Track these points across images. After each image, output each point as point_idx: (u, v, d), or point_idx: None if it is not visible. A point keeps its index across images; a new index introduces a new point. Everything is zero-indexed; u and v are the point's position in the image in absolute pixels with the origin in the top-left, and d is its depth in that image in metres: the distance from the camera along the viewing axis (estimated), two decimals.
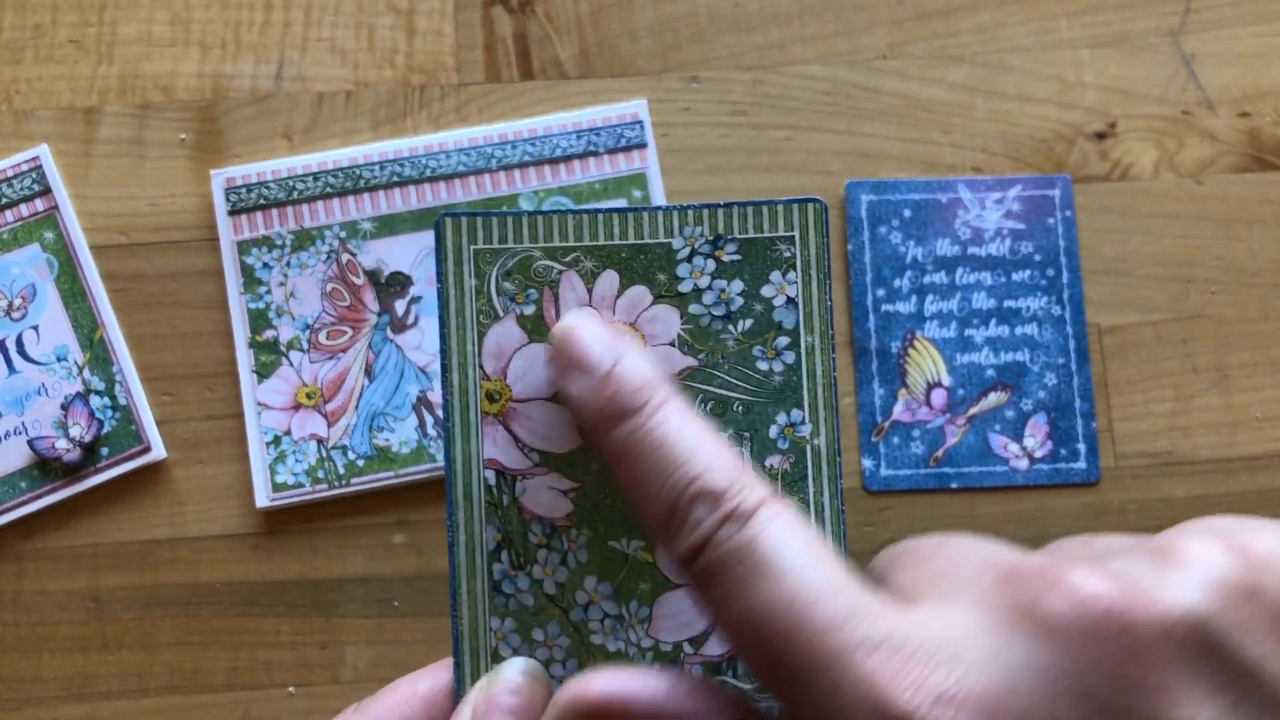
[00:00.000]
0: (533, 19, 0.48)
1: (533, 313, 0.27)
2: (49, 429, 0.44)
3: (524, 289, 0.27)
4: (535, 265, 0.27)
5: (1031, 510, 0.45)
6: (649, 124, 0.47)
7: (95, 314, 0.45)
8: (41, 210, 0.45)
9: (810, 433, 0.28)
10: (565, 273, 0.27)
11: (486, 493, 0.27)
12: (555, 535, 0.27)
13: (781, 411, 0.28)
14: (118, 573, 0.44)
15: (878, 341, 0.46)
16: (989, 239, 0.46)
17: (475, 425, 0.27)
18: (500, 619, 0.27)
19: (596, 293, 0.28)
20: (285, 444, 0.44)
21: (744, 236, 0.28)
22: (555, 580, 0.27)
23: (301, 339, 0.45)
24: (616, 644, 0.27)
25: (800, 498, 0.27)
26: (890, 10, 0.48)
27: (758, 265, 0.28)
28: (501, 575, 0.27)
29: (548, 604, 0.27)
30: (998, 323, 0.46)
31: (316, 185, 0.45)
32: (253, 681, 0.44)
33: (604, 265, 0.27)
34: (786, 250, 0.28)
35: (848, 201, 0.46)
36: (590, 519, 0.27)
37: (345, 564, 0.45)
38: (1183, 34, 0.48)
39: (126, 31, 0.47)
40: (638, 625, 0.27)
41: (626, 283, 0.28)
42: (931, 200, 0.46)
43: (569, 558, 0.27)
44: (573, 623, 0.27)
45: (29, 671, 0.44)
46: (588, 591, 0.27)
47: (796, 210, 0.28)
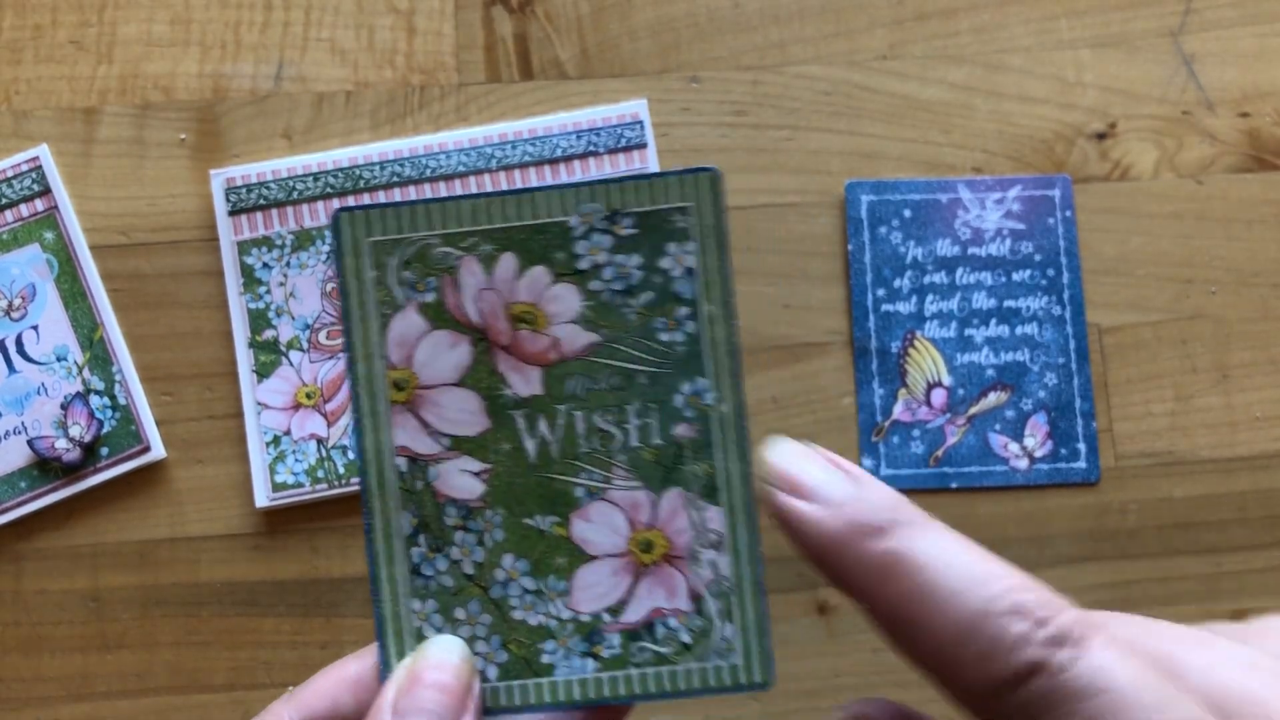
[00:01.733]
0: (533, 19, 0.48)
1: (433, 300, 0.28)
2: (49, 429, 0.44)
3: (424, 277, 0.28)
4: (433, 253, 0.28)
5: (1031, 510, 0.46)
6: (649, 124, 0.47)
7: (95, 314, 0.45)
8: (41, 210, 0.45)
9: (715, 400, 0.28)
10: (463, 258, 0.28)
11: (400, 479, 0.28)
12: (470, 516, 0.28)
13: (686, 381, 0.28)
14: (118, 572, 0.44)
15: (878, 341, 0.46)
16: (989, 239, 0.46)
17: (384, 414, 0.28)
18: (421, 600, 0.28)
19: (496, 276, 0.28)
20: (285, 444, 0.44)
21: (639, 210, 0.28)
22: (473, 560, 0.28)
23: (301, 339, 0.45)
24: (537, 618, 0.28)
25: (708, 465, 0.28)
26: (890, 11, 0.48)
27: (654, 238, 0.28)
28: (420, 558, 0.28)
29: (467, 583, 0.28)
30: (998, 322, 0.46)
31: (316, 185, 0.45)
32: (253, 681, 0.44)
33: (502, 248, 0.28)
34: (681, 221, 0.28)
35: (848, 202, 0.46)
36: (503, 498, 0.28)
37: (345, 564, 0.45)
38: (1183, 34, 0.48)
39: (126, 32, 0.47)
40: (557, 599, 0.28)
41: (525, 264, 0.28)
42: (931, 200, 0.46)
43: (485, 537, 0.28)
44: (493, 600, 0.28)
45: (29, 671, 0.44)
46: (506, 569, 0.28)
47: (691, 180, 0.28)
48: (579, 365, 0.28)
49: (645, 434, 0.28)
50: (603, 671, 0.28)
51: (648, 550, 0.28)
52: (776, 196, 0.47)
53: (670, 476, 0.28)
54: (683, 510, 0.28)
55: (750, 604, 0.28)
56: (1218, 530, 0.46)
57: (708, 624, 0.28)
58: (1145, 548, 0.45)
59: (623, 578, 0.28)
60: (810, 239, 0.47)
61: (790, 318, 0.46)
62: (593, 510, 0.28)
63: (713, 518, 0.28)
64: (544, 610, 0.28)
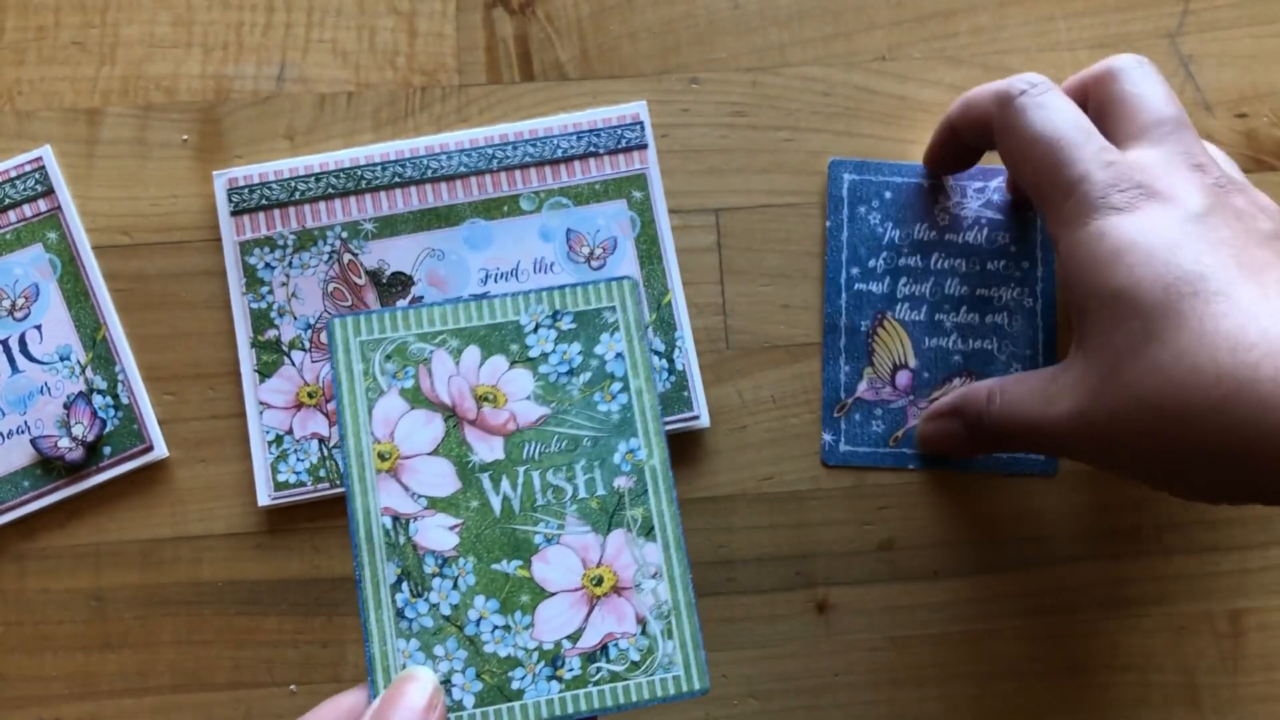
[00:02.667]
0: (534, 21, 0.48)
1: (411, 386, 0.34)
2: (52, 428, 0.44)
3: (402, 367, 0.34)
4: (410, 348, 0.34)
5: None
6: (649, 125, 0.47)
7: (98, 314, 0.45)
8: (44, 211, 0.46)
9: (646, 455, 0.34)
10: (435, 351, 0.34)
11: (385, 535, 0.33)
12: (446, 564, 0.33)
13: (622, 441, 0.34)
14: (120, 571, 0.44)
15: (847, 319, 0.46)
16: (967, 226, 0.46)
17: (371, 481, 0.33)
18: (405, 640, 0.32)
19: (463, 365, 0.34)
20: (287, 443, 0.44)
21: (576, 309, 0.35)
22: (449, 603, 0.33)
23: (303, 339, 0.45)
24: (507, 649, 0.33)
25: (644, 509, 0.34)
26: (889, 12, 0.48)
27: (590, 330, 0.35)
28: (404, 603, 0.33)
29: (445, 624, 0.33)
30: (968, 310, 0.46)
31: (318, 186, 0.46)
32: (255, 680, 0.44)
33: (466, 342, 0.34)
34: (611, 317, 0.35)
35: (830, 179, 0.47)
36: (474, 548, 0.33)
37: (347, 563, 0.45)
38: (1180, 35, 0.48)
39: (129, 33, 0.47)
40: (523, 631, 0.33)
41: (486, 354, 0.34)
42: (913, 184, 0.47)
43: (459, 582, 0.33)
44: (468, 637, 0.33)
45: (31, 670, 0.44)
46: (478, 609, 0.33)
47: (616, 286, 0.35)
48: (534, 433, 0.34)
49: (591, 486, 0.34)
50: (566, 691, 0.33)
51: (599, 584, 0.34)
52: (776, 197, 0.47)
53: (614, 520, 0.34)
54: (626, 548, 0.34)
55: (687, 622, 0.34)
56: (1215, 529, 0.46)
57: (652, 643, 0.34)
58: (1141, 546, 0.46)
59: (579, 609, 0.33)
60: (809, 239, 0.47)
61: (789, 318, 0.46)
62: (550, 553, 0.33)
63: (651, 552, 0.34)
64: (512, 642, 0.33)
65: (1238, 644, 0.45)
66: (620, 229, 0.46)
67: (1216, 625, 0.45)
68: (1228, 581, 0.46)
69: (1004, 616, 0.45)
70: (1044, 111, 0.38)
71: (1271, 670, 0.45)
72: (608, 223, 0.46)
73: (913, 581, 0.45)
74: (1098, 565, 0.45)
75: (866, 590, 0.45)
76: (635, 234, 0.46)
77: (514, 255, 0.46)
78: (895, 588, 0.45)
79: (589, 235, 0.46)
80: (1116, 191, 0.36)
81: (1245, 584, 0.46)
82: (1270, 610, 0.46)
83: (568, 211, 0.46)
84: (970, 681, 0.45)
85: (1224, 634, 0.45)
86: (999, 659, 0.45)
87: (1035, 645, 0.45)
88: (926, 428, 0.45)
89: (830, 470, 0.46)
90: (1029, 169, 0.38)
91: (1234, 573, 0.46)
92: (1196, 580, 0.46)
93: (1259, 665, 0.45)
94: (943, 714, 0.45)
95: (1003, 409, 0.40)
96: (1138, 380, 0.34)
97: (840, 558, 0.45)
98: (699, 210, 0.47)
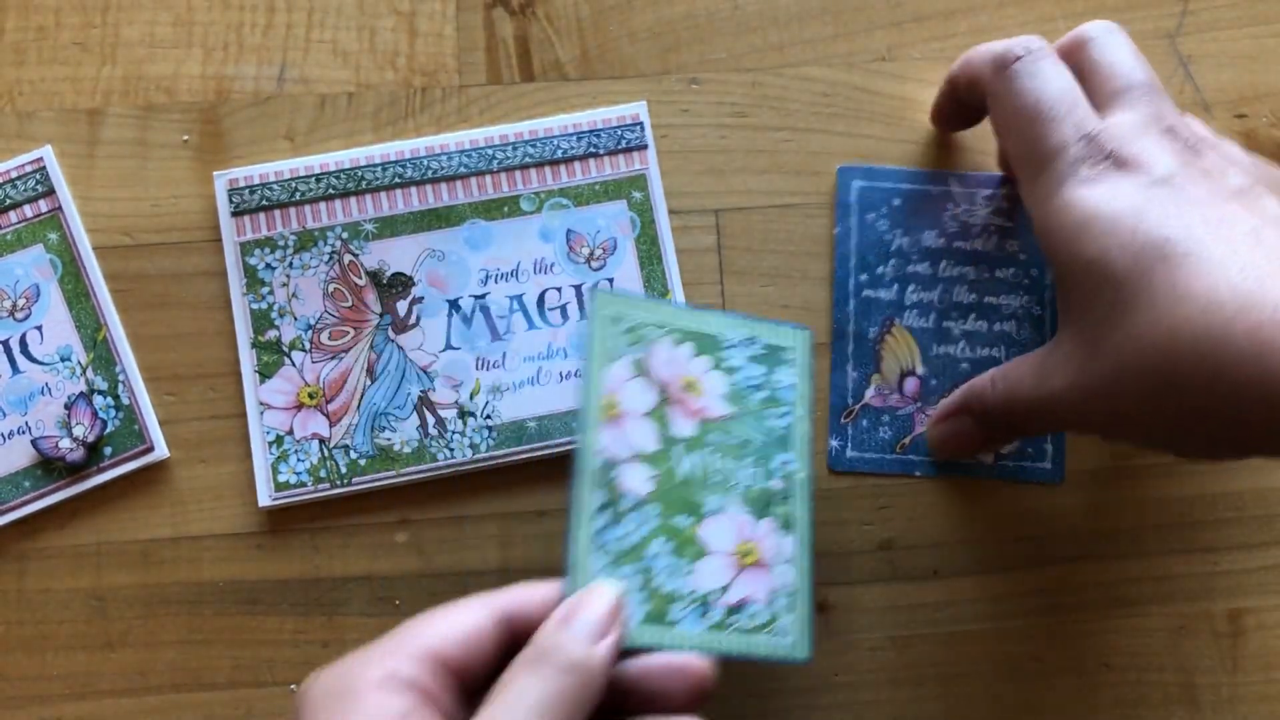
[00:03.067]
0: (534, 21, 0.48)
1: (640, 358, 0.40)
2: (52, 428, 0.44)
3: (635, 344, 0.40)
4: (644, 330, 0.41)
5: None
6: (649, 125, 0.47)
7: (99, 314, 0.45)
8: (45, 211, 0.46)
9: (796, 469, 0.42)
10: (663, 338, 0.41)
11: (598, 469, 0.39)
12: (638, 506, 0.39)
13: (780, 452, 0.42)
14: (121, 571, 0.45)
15: (855, 325, 0.46)
16: (976, 234, 0.46)
17: (595, 424, 0.39)
18: (597, 554, 0.39)
19: (679, 354, 0.41)
20: (287, 443, 0.44)
21: (767, 342, 0.42)
22: (637, 536, 0.39)
23: (304, 339, 0.45)
24: (671, 586, 0.39)
25: (787, 509, 0.41)
26: (888, 13, 0.48)
27: (774, 360, 0.42)
28: (601, 526, 0.39)
29: (630, 551, 0.39)
30: (976, 317, 0.46)
31: (319, 186, 0.46)
32: (255, 680, 0.44)
33: (685, 339, 0.41)
34: (789, 355, 0.42)
35: (839, 186, 0.47)
36: (661, 499, 0.40)
37: (347, 563, 0.45)
38: (1179, 36, 0.48)
39: (129, 33, 0.47)
40: (685, 575, 0.39)
41: (697, 353, 0.41)
42: (922, 191, 0.47)
43: (646, 523, 0.39)
44: (644, 568, 0.39)
45: (32, 669, 0.44)
46: (655, 548, 0.39)
47: (798, 335, 0.43)
48: (718, 425, 0.41)
49: (753, 480, 0.41)
50: (708, 632, 0.39)
51: (746, 556, 0.41)
52: (775, 198, 0.47)
53: (765, 511, 0.41)
54: (770, 535, 0.41)
55: (802, 605, 0.41)
56: (1214, 529, 0.46)
57: (776, 613, 0.40)
58: (1142, 547, 0.46)
59: (729, 571, 0.40)
60: (809, 240, 0.47)
61: (788, 318, 0.46)
62: (715, 521, 0.40)
63: (786, 544, 0.41)
64: (676, 582, 0.39)
65: (1237, 644, 0.45)
66: (620, 230, 0.46)
67: (1216, 625, 0.45)
68: (1227, 581, 0.46)
69: (1004, 616, 0.45)
70: (1034, 80, 0.39)
71: (1270, 670, 0.45)
72: (608, 223, 0.46)
73: (913, 581, 0.45)
74: (1097, 565, 0.46)
75: (866, 590, 0.45)
76: (635, 235, 0.46)
77: (514, 256, 0.46)
78: (895, 588, 0.45)
79: (589, 236, 0.46)
80: (1086, 165, 0.37)
81: (1244, 584, 0.46)
82: (1269, 610, 0.46)
83: (568, 212, 0.46)
84: (970, 681, 0.45)
85: (1223, 633, 0.45)
86: (999, 659, 0.45)
87: (1035, 645, 0.45)
88: (936, 431, 0.45)
89: (831, 472, 0.46)
90: (1013, 140, 0.39)
91: (1233, 572, 0.46)
92: (1196, 580, 0.46)
93: (1258, 665, 0.45)
94: (942, 714, 0.45)
95: (1005, 393, 0.40)
96: (1119, 349, 0.34)
97: (840, 558, 0.46)
98: (699, 210, 0.47)
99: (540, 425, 0.45)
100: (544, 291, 0.46)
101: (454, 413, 0.45)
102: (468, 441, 0.45)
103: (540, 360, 0.45)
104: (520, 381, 0.45)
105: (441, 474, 0.45)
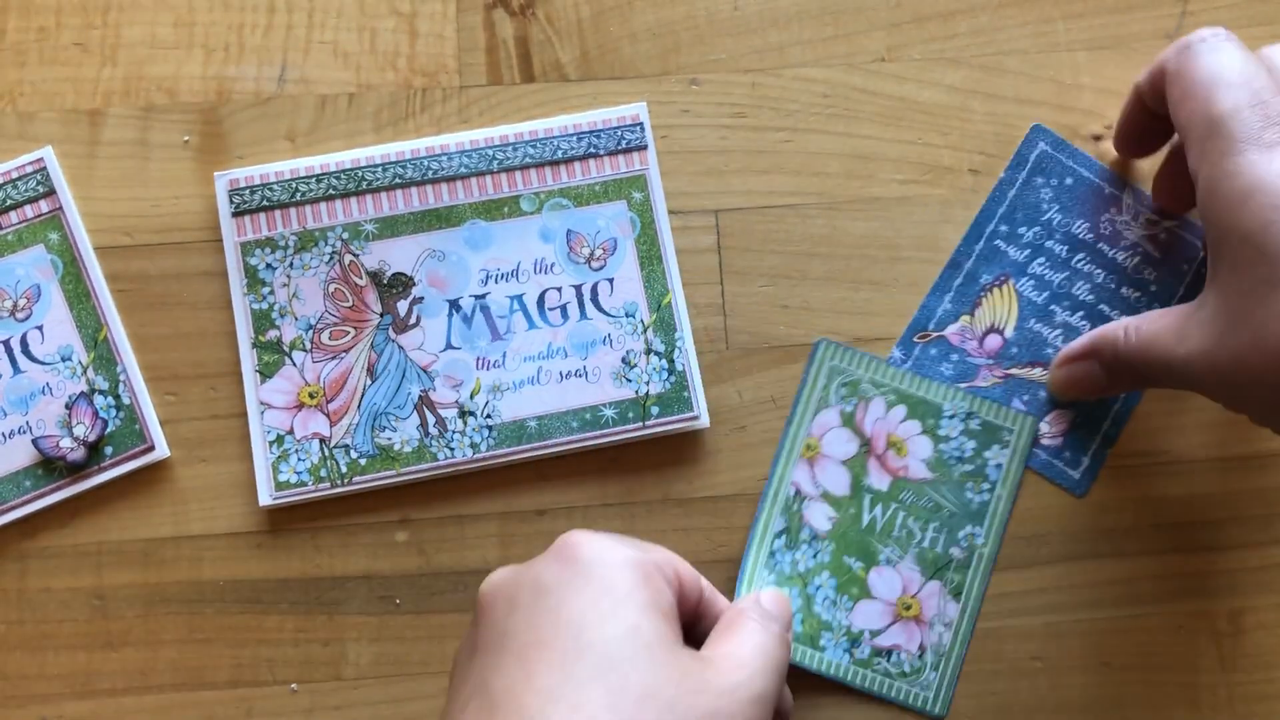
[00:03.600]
0: (534, 22, 0.48)
1: (849, 411, 0.45)
2: (53, 428, 0.44)
3: (849, 397, 0.45)
4: (861, 386, 0.45)
5: (1027, 506, 0.46)
6: (649, 126, 0.47)
7: (99, 314, 0.45)
8: (46, 212, 0.46)
9: (983, 543, 0.45)
10: (876, 397, 0.45)
11: (786, 499, 0.44)
12: (814, 540, 0.44)
13: (970, 524, 0.45)
14: (121, 571, 0.45)
15: (973, 266, 0.46)
16: (1123, 246, 0.46)
17: (794, 458, 0.44)
18: (769, 572, 0.44)
19: (890, 415, 0.45)
20: (288, 443, 0.44)
21: (985, 418, 0.45)
22: (805, 565, 0.44)
23: (304, 339, 0.45)
24: (827, 616, 0.44)
25: (962, 578, 0.44)
26: (888, 13, 0.48)
27: (987, 437, 0.45)
28: (777, 548, 0.44)
29: (797, 576, 0.44)
30: (1083, 317, 0.46)
31: (319, 187, 0.46)
32: (256, 679, 0.44)
33: (899, 401, 0.45)
34: (1007, 436, 0.45)
35: (1025, 140, 0.47)
36: (837, 539, 0.44)
37: (347, 562, 0.45)
38: (1179, 36, 0.48)
39: (130, 34, 0.47)
40: (843, 611, 0.44)
41: (909, 415, 0.45)
42: (1096, 185, 0.47)
43: (818, 556, 0.44)
44: (807, 594, 0.44)
45: (33, 669, 0.44)
46: (821, 580, 0.44)
47: (1021, 418, 0.45)
48: (914, 486, 0.45)
49: (934, 543, 0.44)
50: (852, 665, 0.43)
51: (907, 609, 0.44)
52: (775, 198, 0.47)
53: (936, 574, 0.44)
54: (936, 596, 0.44)
55: (952, 667, 0.44)
56: (1214, 529, 0.46)
57: (923, 667, 0.44)
58: (1141, 546, 0.46)
59: (886, 617, 0.44)
60: (808, 240, 0.47)
61: (788, 318, 0.46)
62: (885, 571, 0.44)
63: (951, 608, 0.44)
64: (833, 614, 0.44)
65: (1237, 643, 0.45)
66: (620, 230, 0.46)
67: (1216, 624, 0.45)
68: (1227, 580, 0.46)
69: (1004, 615, 0.45)
70: (1216, 55, 0.38)
71: (1270, 669, 0.45)
72: (608, 224, 0.46)
73: None
74: (1098, 565, 0.46)
75: None
76: (635, 235, 0.46)
77: (514, 256, 0.46)
78: None
79: (589, 236, 0.46)
80: (1260, 128, 0.36)
81: (1244, 583, 0.46)
82: (1270, 609, 0.46)
83: (568, 212, 0.46)
84: (969, 680, 0.45)
85: (1223, 633, 0.45)
86: (998, 658, 0.45)
87: (1035, 644, 0.45)
88: (1061, 372, 0.45)
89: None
90: (1185, 109, 0.38)
91: (1233, 572, 0.46)
92: (1196, 579, 0.46)
93: (1258, 664, 0.45)
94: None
95: (1138, 344, 0.40)
96: (1263, 326, 0.35)
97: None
98: (699, 211, 0.47)
99: (540, 425, 0.45)
100: (544, 291, 0.46)
101: (454, 412, 0.45)
102: (468, 441, 0.45)
103: (540, 360, 0.45)
104: (520, 381, 0.45)
105: (441, 473, 0.45)
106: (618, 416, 0.45)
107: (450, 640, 0.45)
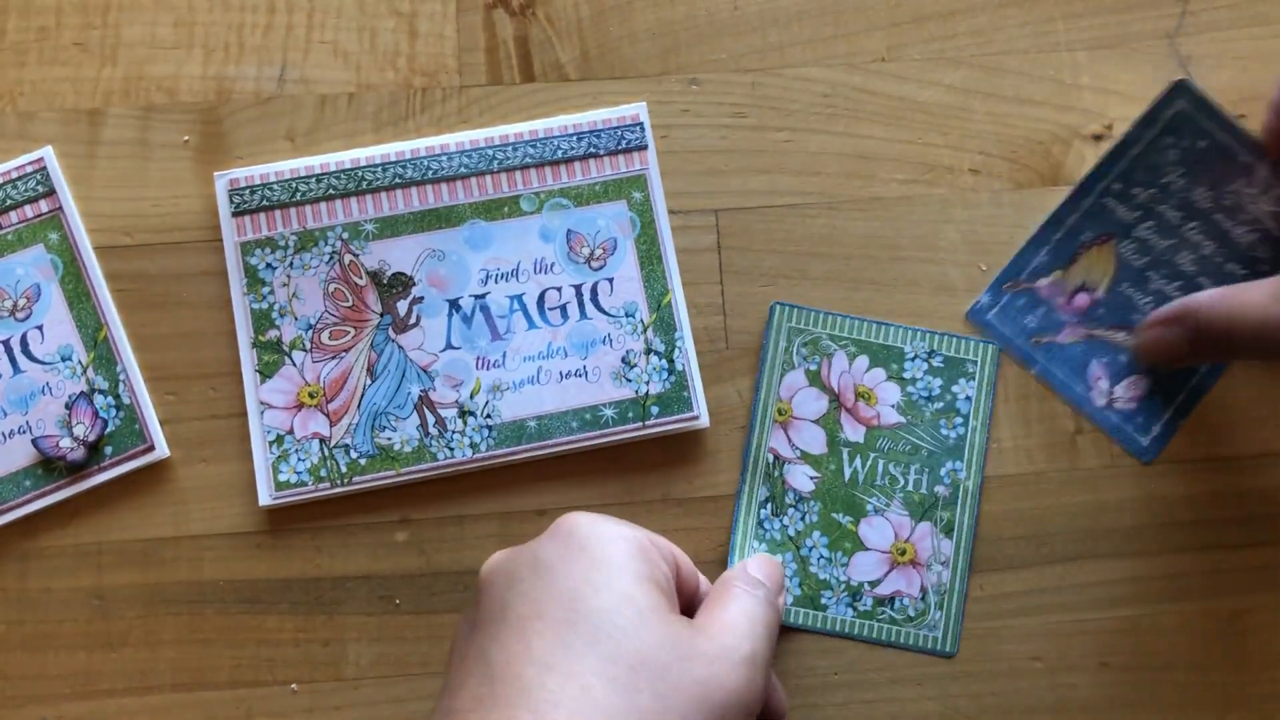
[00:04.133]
0: (534, 22, 0.48)
1: (814, 369, 0.45)
2: (53, 428, 0.44)
3: (812, 355, 0.45)
4: (821, 342, 0.45)
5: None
6: (649, 126, 0.47)
7: (99, 314, 0.45)
8: (46, 211, 0.46)
9: (965, 477, 0.45)
10: (838, 351, 0.45)
11: (766, 466, 0.44)
12: (800, 502, 0.44)
13: (950, 460, 0.45)
14: (122, 571, 0.45)
15: (1076, 221, 0.46)
16: (1241, 220, 0.46)
17: (768, 426, 0.44)
18: (759, 542, 0.44)
19: (854, 366, 0.45)
20: (288, 443, 0.44)
21: (947, 354, 0.45)
22: (795, 528, 0.44)
23: (304, 339, 0.45)
24: (824, 575, 0.44)
25: (951, 515, 0.45)
26: (888, 13, 0.48)
27: (952, 372, 0.45)
28: (764, 517, 0.44)
29: (788, 541, 0.44)
30: (1179, 288, 0.46)
31: (319, 187, 0.46)
32: (256, 679, 0.44)
33: (860, 351, 0.45)
34: (971, 368, 0.45)
35: (1167, 96, 0.46)
36: (823, 497, 0.44)
37: (347, 562, 0.45)
38: (1179, 36, 0.48)
39: (130, 34, 0.47)
40: (839, 567, 0.44)
41: (873, 364, 0.45)
42: (1232, 151, 0.46)
43: (806, 517, 0.44)
44: (801, 556, 0.44)
45: (33, 669, 0.44)
46: (813, 541, 0.44)
47: (983, 348, 0.45)
48: (889, 433, 0.45)
49: (917, 485, 0.45)
50: (857, 619, 0.44)
51: (902, 554, 0.44)
52: (775, 198, 0.47)
53: (925, 515, 0.44)
54: (929, 537, 0.44)
55: (955, 604, 0.44)
56: (1217, 528, 0.46)
57: (927, 608, 0.44)
58: (1145, 545, 0.46)
59: (883, 566, 0.44)
60: (808, 240, 0.47)
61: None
62: (875, 521, 0.45)
63: (945, 546, 0.44)
64: (830, 572, 0.44)
65: (1238, 643, 0.45)
66: (620, 230, 0.46)
67: (1220, 623, 0.45)
68: (1231, 580, 0.46)
69: (1005, 615, 0.45)
70: None
71: (1275, 668, 0.45)
72: (608, 223, 0.46)
73: None
74: (1099, 564, 0.46)
75: None
76: (635, 235, 0.46)
77: (514, 256, 0.46)
78: None
79: (589, 236, 0.46)
80: None
81: (1249, 582, 0.46)
82: (1271, 609, 0.46)
83: (568, 212, 0.46)
84: (969, 680, 0.45)
85: (1224, 633, 0.45)
86: (999, 657, 0.45)
87: (1036, 643, 0.45)
88: (1147, 335, 0.44)
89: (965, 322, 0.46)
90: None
91: (1237, 571, 0.46)
92: (1199, 579, 0.46)
93: (1262, 663, 0.45)
94: (941, 713, 0.45)
95: (1227, 312, 0.40)
96: None
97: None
98: (699, 211, 0.47)
99: (540, 425, 0.45)
100: (544, 291, 0.46)
101: (454, 412, 0.45)
102: (468, 441, 0.45)
103: (540, 360, 0.45)
104: (520, 381, 0.45)
105: (441, 473, 0.45)
106: (618, 416, 0.45)
107: (447, 642, 0.45)
